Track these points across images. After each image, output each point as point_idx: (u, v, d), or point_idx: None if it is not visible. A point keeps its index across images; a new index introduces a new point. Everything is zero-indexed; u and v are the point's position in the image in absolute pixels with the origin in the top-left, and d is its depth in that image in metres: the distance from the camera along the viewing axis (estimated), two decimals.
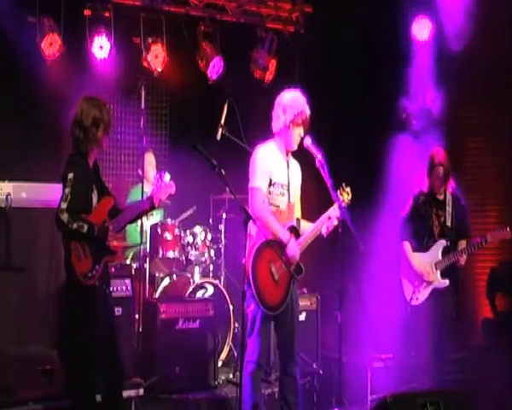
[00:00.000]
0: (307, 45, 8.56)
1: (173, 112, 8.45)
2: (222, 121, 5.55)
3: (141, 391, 5.63)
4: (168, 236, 6.81)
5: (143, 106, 6.69)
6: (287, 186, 5.23)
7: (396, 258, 6.44)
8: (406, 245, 6.31)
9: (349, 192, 5.24)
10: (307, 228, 5.23)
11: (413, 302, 6.23)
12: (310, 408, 6.30)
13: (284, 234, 5.10)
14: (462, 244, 6.23)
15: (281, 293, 5.07)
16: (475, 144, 8.18)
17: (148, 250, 6.74)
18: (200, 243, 7.00)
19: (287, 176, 5.24)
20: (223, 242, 7.23)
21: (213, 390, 6.09)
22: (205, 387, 6.09)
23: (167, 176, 5.05)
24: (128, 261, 6.92)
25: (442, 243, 6.20)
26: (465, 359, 6.91)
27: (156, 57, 7.84)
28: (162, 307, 6.02)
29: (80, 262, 4.72)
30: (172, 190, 5.08)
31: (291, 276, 5.12)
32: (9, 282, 5.95)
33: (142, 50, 7.81)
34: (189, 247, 6.97)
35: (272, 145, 5.24)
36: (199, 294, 6.79)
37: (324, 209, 5.20)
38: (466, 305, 7.44)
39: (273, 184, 5.14)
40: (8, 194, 5.94)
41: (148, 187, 6.25)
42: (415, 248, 6.30)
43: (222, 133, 5.52)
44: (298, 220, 5.32)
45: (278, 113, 5.20)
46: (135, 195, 7.05)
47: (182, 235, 6.93)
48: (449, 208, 6.29)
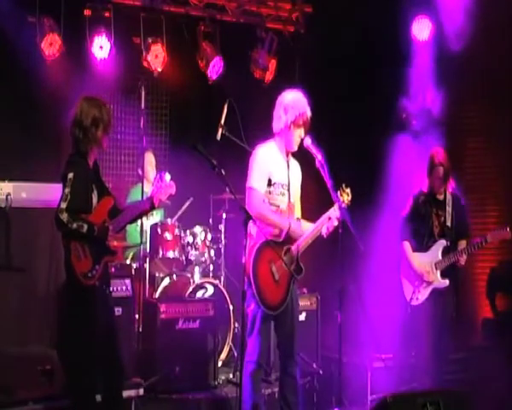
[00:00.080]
0: (307, 45, 8.56)
1: (173, 112, 8.44)
2: (222, 121, 5.53)
3: (141, 391, 5.63)
4: (168, 236, 6.81)
5: (143, 106, 6.70)
6: (287, 186, 5.22)
7: (396, 258, 6.44)
8: (406, 245, 6.32)
9: (349, 193, 5.23)
10: (307, 228, 5.22)
11: (413, 302, 6.23)
12: (310, 408, 6.30)
13: (283, 221, 5.10)
14: (462, 244, 6.23)
15: (281, 293, 5.07)
16: (475, 144, 8.18)
17: (148, 250, 6.74)
18: (200, 243, 7.00)
19: (287, 176, 5.23)
20: (223, 242, 7.23)
21: (213, 390, 6.09)
22: (205, 387, 6.08)
23: (167, 176, 5.04)
24: (128, 261, 6.93)
25: (442, 243, 6.20)
26: (465, 359, 6.91)
27: (156, 57, 7.84)
28: (162, 307, 6.02)
29: (80, 262, 4.72)
30: (173, 191, 5.08)
31: (291, 276, 5.11)
32: (9, 282, 5.94)
33: (142, 50, 7.81)
34: (189, 247, 6.97)
35: (272, 145, 5.24)
36: (199, 294, 6.79)
37: (324, 209, 5.19)
38: (466, 305, 7.44)
39: (273, 184, 5.14)
40: (8, 194, 5.94)
41: (148, 187, 6.26)
42: (415, 248, 6.30)
43: (222, 133, 5.51)
44: (298, 220, 5.29)
45: (279, 113, 5.19)
46: (135, 195, 7.05)
47: (182, 235, 6.93)
48: (449, 208, 6.29)
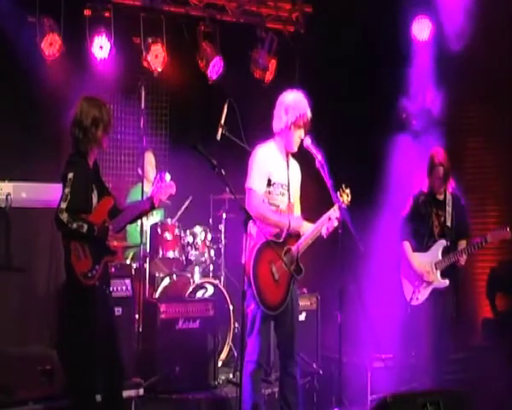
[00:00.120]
0: (307, 45, 8.55)
1: (173, 112, 8.44)
2: (222, 121, 5.53)
3: (141, 391, 5.63)
4: (168, 236, 6.81)
5: (143, 106, 6.70)
6: (287, 186, 5.22)
7: (396, 258, 6.44)
8: (406, 245, 6.32)
9: (348, 194, 5.22)
10: (307, 229, 5.22)
11: (413, 302, 6.24)
12: (310, 408, 6.30)
13: (283, 220, 5.10)
14: (462, 244, 6.23)
15: (281, 293, 5.06)
16: (475, 144, 8.18)
17: (148, 250, 6.74)
18: (200, 243, 7.00)
19: (287, 176, 5.23)
20: (223, 242, 7.23)
21: (213, 390, 6.09)
22: (205, 387, 6.08)
23: (168, 176, 5.04)
24: (128, 261, 6.92)
25: (442, 243, 6.20)
26: (465, 359, 6.91)
27: (156, 57, 7.84)
28: (162, 307, 6.02)
29: (80, 262, 4.72)
30: (173, 191, 5.08)
31: (291, 276, 5.11)
32: (9, 282, 5.95)
33: (142, 50, 7.80)
34: (189, 247, 6.97)
35: (272, 145, 5.23)
36: (199, 294, 6.79)
37: (324, 209, 5.19)
38: (466, 305, 7.44)
39: (273, 184, 5.13)
40: (8, 194, 5.94)
41: (148, 187, 6.25)
42: (415, 248, 6.30)
43: (222, 133, 5.51)
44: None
45: (280, 113, 5.18)
46: (135, 195, 7.05)
47: (182, 235, 6.93)
48: (449, 208, 6.29)
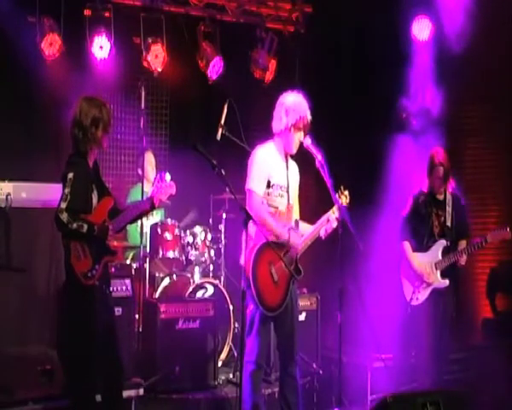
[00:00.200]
0: (307, 45, 8.55)
1: (173, 112, 8.43)
2: (222, 121, 5.53)
3: (141, 391, 5.63)
4: (168, 236, 6.81)
5: (143, 106, 6.71)
6: (286, 188, 5.20)
7: (396, 258, 6.44)
8: (406, 245, 6.31)
9: (347, 195, 5.22)
10: (306, 230, 5.23)
11: (413, 302, 6.23)
12: (310, 408, 6.30)
13: (283, 232, 5.09)
14: (462, 244, 6.23)
15: (280, 294, 5.06)
16: (475, 144, 8.18)
17: (148, 250, 6.74)
18: (200, 243, 6.99)
19: (286, 177, 5.22)
20: (223, 242, 7.23)
21: (213, 390, 6.09)
22: (205, 387, 6.08)
23: (168, 176, 5.04)
24: (128, 261, 6.93)
25: (442, 243, 6.20)
26: (465, 359, 6.91)
27: (156, 57, 7.83)
28: (162, 307, 6.02)
29: (80, 262, 4.72)
30: (173, 191, 5.08)
31: (290, 277, 5.11)
32: (9, 282, 5.95)
33: (142, 50, 7.79)
34: (189, 247, 6.96)
35: (271, 146, 5.22)
36: (199, 294, 6.79)
37: (324, 210, 5.20)
38: (466, 305, 7.44)
39: (272, 186, 5.12)
40: (8, 194, 5.94)
41: (148, 187, 6.25)
42: (415, 248, 6.30)
43: (222, 133, 5.50)
44: (296, 222, 5.30)
45: (280, 114, 5.16)
46: (135, 195, 7.05)
47: (182, 235, 6.93)
48: (449, 208, 6.29)
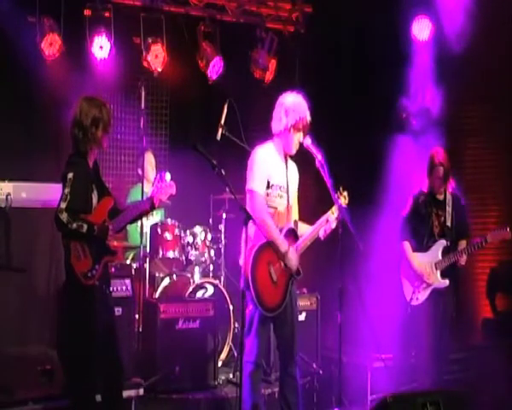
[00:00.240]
0: (307, 45, 8.55)
1: (173, 112, 8.43)
2: (222, 121, 5.53)
3: (141, 391, 5.63)
4: (168, 236, 6.81)
5: (143, 106, 6.71)
6: (285, 188, 5.19)
7: (396, 258, 6.44)
8: (406, 245, 6.31)
9: (346, 196, 5.21)
10: (305, 231, 5.22)
11: (413, 302, 6.23)
12: (310, 408, 6.30)
13: (283, 243, 5.04)
14: (462, 244, 6.23)
15: (279, 294, 5.05)
16: (475, 144, 8.18)
17: (148, 250, 6.74)
18: (200, 243, 6.99)
19: (285, 178, 5.20)
20: (223, 242, 7.23)
21: (213, 390, 6.09)
22: (205, 387, 6.08)
23: (168, 176, 5.04)
24: (128, 261, 6.93)
25: (442, 243, 6.20)
26: (465, 359, 6.91)
27: (156, 57, 7.83)
28: (162, 307, 6.02)
29: (80, 262, 4.72)
30: (173, 191, 5.07)
31: (289, 277, 5.11)
32: (9, 282, 5.95)
33: (142, 50, 7.80)
34: (189, 247, 6.96)
35: (271, 146, 5.20)
36: (199, 294, 6.79)
37: (324, 210, 5.19)
38: (466, 305, 7.44)
39: (271, 186, 5.10)
40: (8, 194, 5.94)
41: (148, 187, 6.25)
42: (415, 248, 6.30)
43: (222, 133, 5.50)
44: (295, 222, 5.29)
45: (280, 115, 5.15)
46: (135, 195, 7.05)
47: (182, 235, 6.93)
48: (449, 208, 6.29)
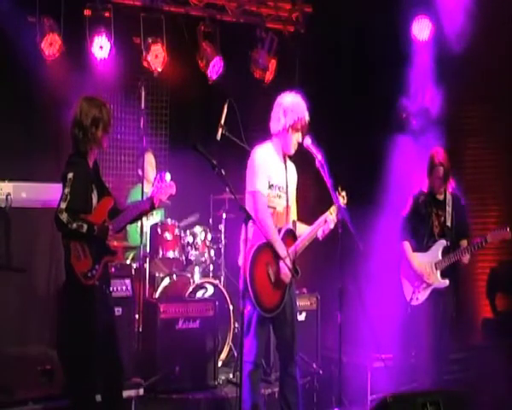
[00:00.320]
0: (307, 45, 8.55)
1: (173, 112, 8.43)
2: (222, 121, 5.53)
3: (141, 391, 5.63)
4: (168, 236, 6.81)
5: (143, 106, 6.71)
6: (284, 188, 5.18)
7: (396, 258, 6.44)
8: (406, 245, 6.31)
9: (344, 196, 5.21)
10: (304, 231, 5.21)
11: (413, 302, 6.23)
12: (310, 408, 6.30)
13: (282, 249, 5.03)
14: (463, 244, 6.23)
15: (278, 295, 5.05)
16: (475, 144, 8.18)
17: (148, 250, 6.74)
18: (200, 243, 7.00)
19: (284, 178, 5.20)
20: (223, 242, 7.23)
21: (213, 390, 6.09)
22: (205, 387, 6.08)
23: (168, 176, 5.04)
24: (128, 261, 6.93)
25: (442, 243, 6.20)
26: (465, 359, 6.91)
27: (156, 57, 7.83)
28: (162, 307, 6.02)
29: (80, 262, 4.72)
30: (173, 191, 5.07)
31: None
32: (9, 282, 5.95)
33: (142, 50, 7.80)
34: (189, 247, 6.97)
35: (270, 146, 5.20)
36: (199, 294, 6.79)
37: (322, 210, 5.19)
38: (466, 305, 7.44)
39: (271, 187, 5.10)
40: (8, 194, 5.94)
41: (148, 187, 6.25)
42: (415, 248, 6.29)
43: (222, 133, 5.50)
44: (294, 223, 5.28)
45: (278, 115, 5.14)
46: (135, 195, 7.05)
47: (182, 235, 6.93)
48: (449, 208, 6.29)
